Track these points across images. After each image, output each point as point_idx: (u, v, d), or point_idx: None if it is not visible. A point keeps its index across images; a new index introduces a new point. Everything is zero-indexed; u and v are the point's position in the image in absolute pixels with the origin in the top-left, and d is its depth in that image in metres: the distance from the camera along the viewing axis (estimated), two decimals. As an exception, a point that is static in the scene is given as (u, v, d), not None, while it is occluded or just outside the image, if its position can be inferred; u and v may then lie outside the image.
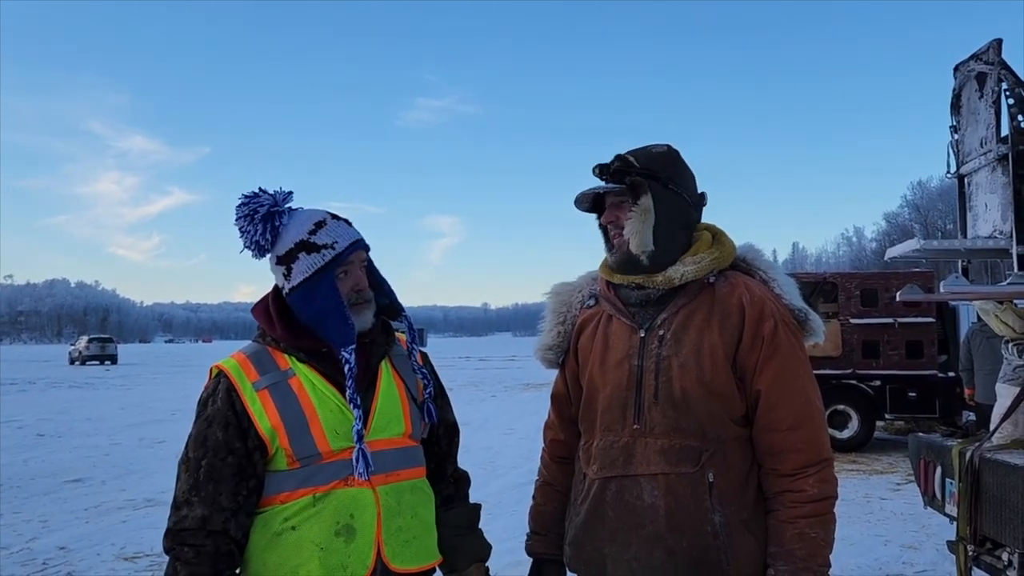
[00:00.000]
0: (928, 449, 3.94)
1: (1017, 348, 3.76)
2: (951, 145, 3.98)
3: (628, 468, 1.81)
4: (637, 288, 1.88)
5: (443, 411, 2.01)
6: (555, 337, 2.02)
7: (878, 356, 10.12)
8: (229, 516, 1.68)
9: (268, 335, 1.81)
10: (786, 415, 1.78)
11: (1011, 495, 3.10)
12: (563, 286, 2.08)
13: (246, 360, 1.78)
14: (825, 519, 1.76)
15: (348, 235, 1.80)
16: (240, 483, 1.70)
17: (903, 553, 5.53)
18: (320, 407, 1.74)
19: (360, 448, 1.71)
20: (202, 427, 1.73)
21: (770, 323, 1.81)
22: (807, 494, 1.75)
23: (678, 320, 1.84)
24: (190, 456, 1.72)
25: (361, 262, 1.83)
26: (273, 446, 1.71)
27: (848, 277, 10.73)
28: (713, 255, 1.88)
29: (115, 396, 21.62)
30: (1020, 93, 3.50)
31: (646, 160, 1.87)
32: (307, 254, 1.76)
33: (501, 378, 27.66)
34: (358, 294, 1.79)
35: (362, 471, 1.69)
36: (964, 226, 3.97)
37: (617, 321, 1.92)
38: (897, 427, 11.72)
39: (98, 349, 45.97)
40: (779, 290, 1.89)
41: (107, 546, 5.95)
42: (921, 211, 63.36)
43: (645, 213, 1.83)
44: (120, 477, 8.90)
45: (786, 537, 1.74)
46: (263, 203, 1.78)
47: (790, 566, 1.72)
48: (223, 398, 1.73)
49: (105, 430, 13.31)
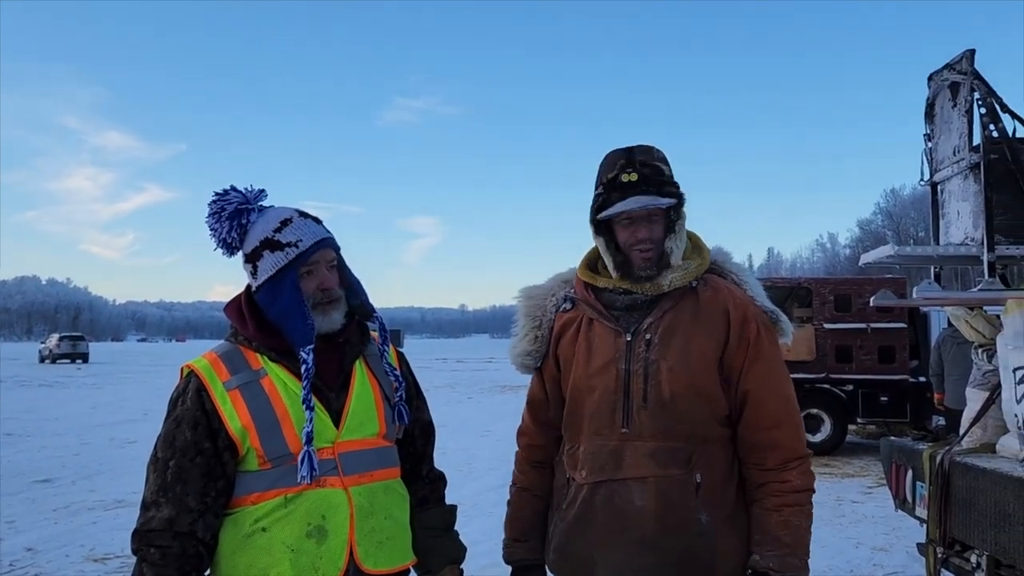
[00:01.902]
0: (900, 453, 3.99)
1: (987, 353, 3.82)
2: (925, 153, 4.03)
3: (617, 472, 1.82)
4: (624, 293, 1.89)
5: (419, 411, 1.99)
6: (532, 342, 2.01)
7: (851, 361, 10.25)
8: (196, 517, 1.66)
9: (240, 334, 1.79)
10: (771, 413, 1.84)
11: (980, 498, 3.14)
12: (534, 289, 2.06)
13: (217, 360, 1.76)
14: (806, 510, 1.83)
15: (313, 233, 1.77)
16: (208, 484, 1.68)
17: (874, 555, 5.60)
18: (292, 407, 1.72)
19: (307, 451, 1.67)
20: (171, 427, 1.71)
21: (753, 326, 1.85)
22: (791, 485, 1.82)
23: (665, 324, 1.85)
24: (158, 456, 1.71)
25: (328, 261, 1.80)
26: (244, 446, 1.70)
27: (822, 283, 10.87)
28: (696, 261, 1.91)
29: (86, 395, 21.31)
30: (991, 103, 3.56)
31: (670, 169, 1.89)
32: (271, 252, 1.74)
33: (478, 380, 27.64)
34: (323, 293, 1.77)
35: (305, 475, 1.66)
36: (937, 233, 4.02)
37: (600, 325, 1.91)
38: (869, 431, 11.87)
39: (69, 347, 45.31)
40: (750, 292, 1.93)
41: (76, 547, 5.86)
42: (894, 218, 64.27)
43: (684, 227, 1.89)
44: (90, 477, 8.78)
45: (772, 524, 1.79)
46: (231, 200, 1.78)
47: (777, 551, 1.77)
48: (193, 398, 1.71)
49: (75, 429, 13.13)
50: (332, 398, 1.77)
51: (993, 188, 3.50)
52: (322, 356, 1.78)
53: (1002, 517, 2.97)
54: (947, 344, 7.01)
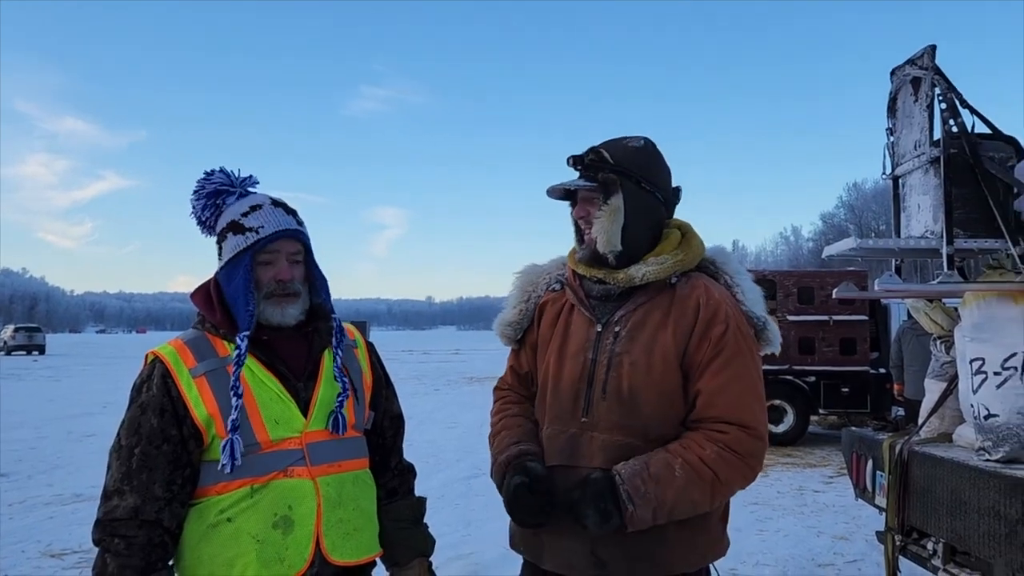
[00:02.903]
0: (860, 443, 4.06)
1: (945, 345, 3.89)
2: (887, 147, 4.08)
3: (573, 459, 1.82)
4: (599, 282, 1.89)
5: (389, 403, 1.99)
6: (517, 314, 2.03)
7: (813, 352, 10.41)
8: (163, 506, 1.64)
9: (207, 321, 1.77)
10: (720, 413, 1.76)
11: (936, 486, 3.21)
12: (533, 267, 2.09)
13: (183, 346, 1.74)
14: (699, 483, 1.70)
15: (277, 222, 1.75)
16: (175, 472, 1.65)
17: (835, 544, 5.69)
18: (260, 396, 1.70)
19: (231, 439, 1.63)
20: (135, 413, 1.68)
21: (721, 327, 1.79)
22: (703, 452, 1.71)
23: (635, 318, 1.85)
24: (122, 444, 1.67)
25: (291, 254, 1.78)
26: (209, 434, 1.67)
27: (786, 275, 10.99)
28: (677, 257, 1.87)
29: (42, 388, 20.82)
30: (951, 98, 3.61)
31: (621, 155, 1.86)
32: (233, 235, 1.74)
33: (444, 372, 27.56)
34: (279, 284, 1.75)
35: (226, 462, 1.63)
36: (898, 226, 4.08)
37: (578, 312, 1.92)
38: (830, 421, 12.09)
39: (25, 339, 44.28)
40: (741, 296, 1.90)
41: (32, 543, 5.72)
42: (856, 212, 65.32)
43: (615, 213, 1.83)
44: (47, 472, 8.58)
45: (654, 456, 1.72)
46: (213, 181, 1.79)
47: (637, 468, 1.69)
48: (158, 384, 1.68)
49: (31, 423, 12.81)
50: (300, 388, 1.75)
51: (952, 182, 3.55)
52: (290, 345, 1.77)
53: (958, 505, 3.04)
54: (907, 336, 7.15)
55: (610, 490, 1.67)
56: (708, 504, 1.74)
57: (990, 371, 3.20)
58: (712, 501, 1.75)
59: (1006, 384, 3.14)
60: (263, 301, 1.74)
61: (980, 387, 3.23)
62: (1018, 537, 2.66)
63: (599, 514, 1.66)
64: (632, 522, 1.68)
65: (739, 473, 1.74)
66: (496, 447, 1.94)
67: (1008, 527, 2.71)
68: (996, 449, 3.10)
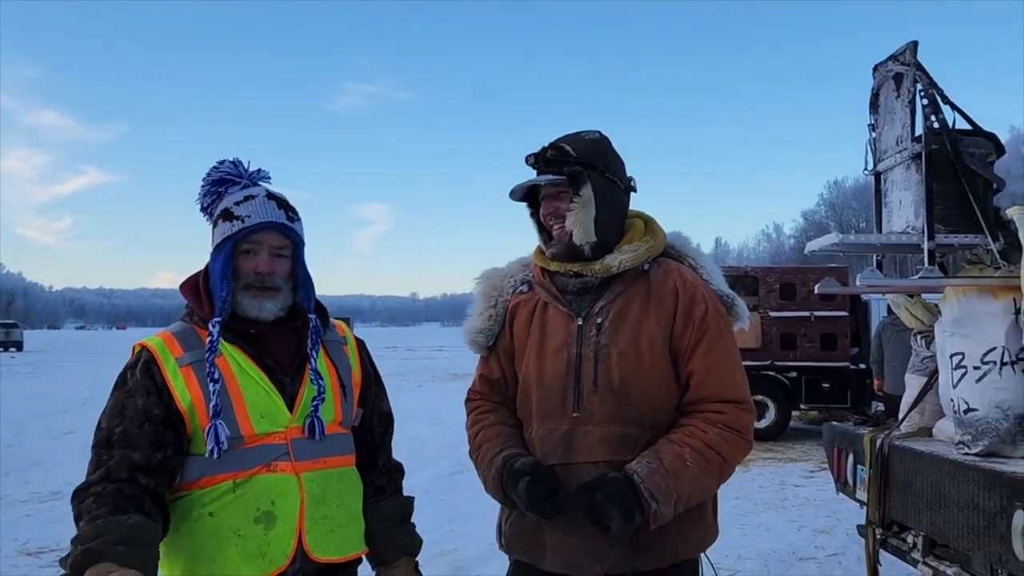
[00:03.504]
0: (841, 437, 4.08)
1: (925, 340, 3.92)
2: (869, 143, 4.10)
3: (569, 456, 1.81)
4: (575, 276, 1.88)
5: (378, 400, 1.97)
6: (486, 321, 2.01)
7: (795, 348, 10.50)
8: (138, 468, 1.59)
9: (196, 314, 1.75)
10: (714, 393, 1.81)
11: (917, 480, 3.23)
12: (493, 272, 2.07)
13: (171, 337, 1.73)
14: (708, 468, 1.74)
15: (264, 213, 1.74)
16: (156, 450, 1.62)
17: (815, 537, 5.73)
18: (245, 389, 1.68)
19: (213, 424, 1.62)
20: (120, 397, 1.66)
21: (701, 308, 1.84)
22: (707, 436, 1.75)
23: (616, 308, 1.85)
24: (103, 426, 1.64)
25: (275, 247, 1.76)
26: (192, 424, 1.65)
27: (768, 271, 11.07)
28: (648, 243, 1.90)
29: (19, 384, 20.58)
30: (933, 94, 3.63)
31: (582, 148, 1.87)
32: (223, 221, 1.74)
33: (428, 368, 27.52)
34: (258, 276, 1.73)
35: (212, 447, 1.61)
36: (880, 222, 4.10)
37: (554, 309, 1.91)
38: (811, 416, 12.18)
39: (2, 335, 43.85)
40: (707, 276, 1.93)
41: (9, 541, 5.65)
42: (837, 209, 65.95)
43: (587, 204, 1.84)
44: (23, 469, 8.48)
45: (663, 449, 1.74)
46: (220, 169, 1.81)
47: (652, 465, 1.70)
48: (142, 370, 1.67)
49: (8, 420, 12.64)
50: (287, 382, 1.73)
51: (934, 178, 3.57)
52: (277, 340, 1.76)
53: (938, 498, 3.06)
54: (887, 332, 7.21)
55: (631, 490, 1.68)
56: (717, 485, 1.81)
57: (970, 365, 3.22)
58: (720, 481, 1.81)
59: (985, 378, 3.17)
60: (241, 292, 1.72)
61: (960, 381, 3.25)
62: (996, 530, 2.68)
63: (623, 515, 1.67)
64: (655, 519, 1.70)
65: (740, 449, 1.81)
66: (481, 463, 1.92)
67: (987, 520, 2.73)
68: (975, 443, 3.12)
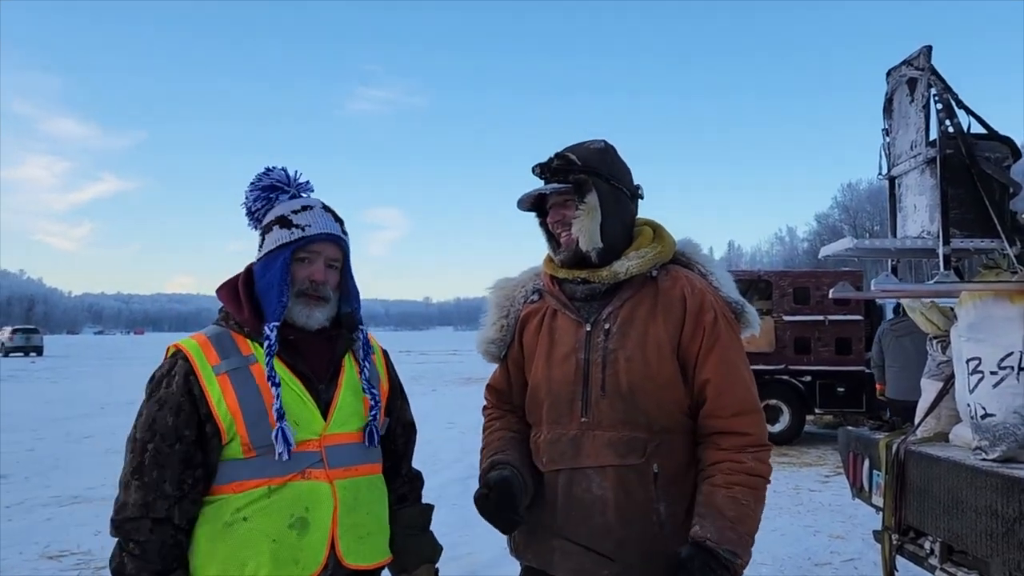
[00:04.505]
0: (857, 442, 4.07)
1: (941, 345, 3.90)
2: (883, 148, 4.09)
3: (576, 461, 1.83)
4: (583, 283, 1.90)
5: (401, 411, 2.00)
6: (498, 331, 2.03)
7: (809, 352, 10.44)
8: (172, 503, 1.65)
9: (233, 319, 1.77)
10: (730, 402, 1.82)
11: (933, 486, 3.22)
12: (505, 281, 2.09)
13: (207, 342, 1.74)
14: (757, 494, 1.79)
15: (324, 225, 1.79)
16: (186, 471, 1.66)
17: (831, 543, 5.71)
18: (282, 397, 1.69)
19: (280, 427, 1.66)
20: (152, 409, 1.69)
21: (710, 315, 1.85)
22: (746, 466, 1.78)
23: (623, 313, 1.87)
24: (137, 437, 1.68)
25: (330, 258, 1.80)
26: (229, 433, 1.67)
27: (781, 275, 11.01)
28: (656, 249, 1.92)
29: (40, 389, 20.78)
30: (948, 99, 3.62)
31: (587, 157, 1.89)
32: (279, 228, 1.77)
33: (442, 372, 27.56)
34: (312, 285, 1.76)
35: (282, 450, 1.65)
36: (894, 226, 4.09)
37: (562, 316, 1.93)
38: (826, 421, 12.11)
39: (23, 340, 44.17)
40: (716, 283, 1.94)
41: (30, 544, 5.71)
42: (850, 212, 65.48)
43: (592, 211, 1.86)
44: (44, 473, 8.57)
45: (718, 498, 1.75)
46: (271, 176, 1.85)
47: (717, 524, 1.71)
48: (180, 382, 1.68)
49: (29, 424, 12.77)
50: (321, 390, 1.76)
51: (949, 183, 3.56)
52: (314, 348, 1.78)
53: (955, 504, 3.05)
54: (887, 337, 7.19)
55: (712, 558, 1.69)
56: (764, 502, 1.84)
57: (986, 370, 3.21)
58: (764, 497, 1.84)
59: (1002, 384, 3.15)
60: (294, 299, 1.75)
61: (976, 387, 3.24)
62: (1015, 536, 2.67)
63: None
64: (741, 568, 1.73)
65: (768, 458, 1.84)
66: (482, 456, 1.99)
67: (1005, 526, 2.72)
68: (993, 448, 3.11)
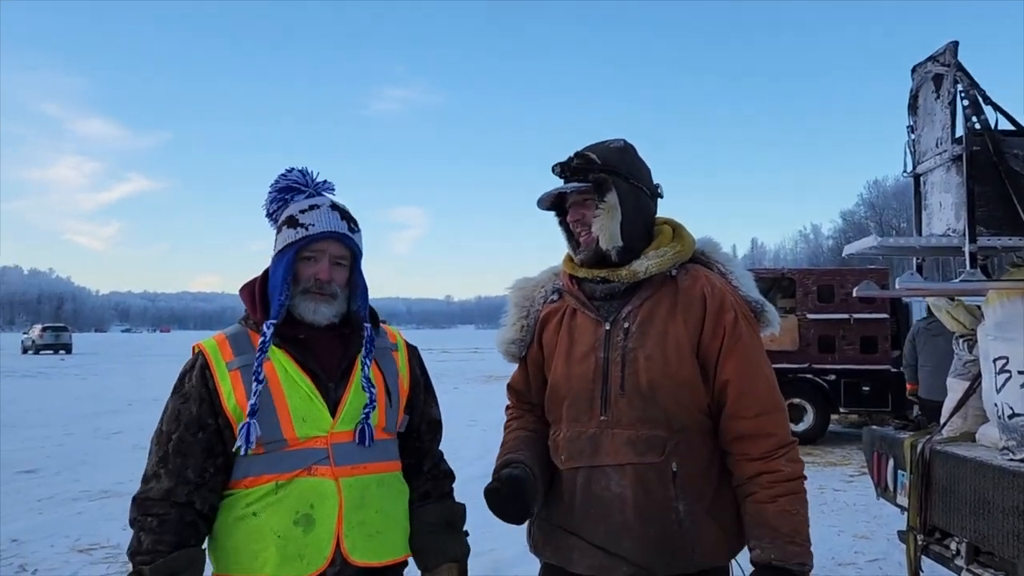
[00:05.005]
0: (882, 441, 4.04)
1: (968, 343, 3.86)
2: (908, 145, 4.05)
3: (595, 459, 1.84)
4: (602, 282, 1.91)
5: (427, 407, 2.01)
6: (518, 331, 2.05)
7: (833, 351, 10.34)
8: (193, 489, 1.70)
9: (250, 318, 1.83)
10: (754, 402, 1.82)
11: (959, 486, 3.19)
12: (525, 281, 2.10)
13: (224, 340, 1.81)
14: (801, 497, 1.80)
15: (327, 223, 1.81)
16: (208, 460, 1.72)
17: (855, 543, 5.67)
18: (289, 393, 1.74)
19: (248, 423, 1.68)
20: (177, 402, 1.76)
21: (731, 314, 1.85)
22: (783, 473, 1.79)
23: (643, 312, 1.87)
24: (163, 430, 1.75)
25: (335, 256, 1.83)
26: (239, 427, 1.71)
27: (805, 273, 10.92)
28: (675, 248, 1.92)
29: (69, 386, 21.14)
30: (974, 95, 3.58)
31: (606, 156, 1.90)
32: (287, 228, 1.81)
33: (463, 370, 27.65)
34: (317, 283, 1.79)
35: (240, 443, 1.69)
36: (919, 224, 4.04)
37: (582, 315, 1.94)
38: (851, 420, 11.99)
39: (52, 338, 44.92)
40: (736, 282, 1.94)
41: (61, 538, 5.83)
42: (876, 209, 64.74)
43: (612, 210, 1.86)
44: (74, 468, 8.73)
45: (769, 515, 1.76)
46: (288, 177, 1.88)
47: (777, 542, 1.73)
48: (198, 376, 1.76)
49: (59, 420, 13.01)
50: (331, 388, 1.79)
51: (975, 180, 3.52)
52: (325, 346, 1.81)
53: (982, 504, 3.02)
54: (921, 336, 7.09)
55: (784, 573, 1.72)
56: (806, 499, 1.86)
57: (1014, 370, 3.18)
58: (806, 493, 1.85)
59: (1030, 383, 3.12)
60: (299, 295, 1.79)
61: (1004, 386, 3.21)
62: (1042, 537, 2.64)
63: None
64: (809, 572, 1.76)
65: (798, 455, 1.85)
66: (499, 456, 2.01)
67: (1032, 527, 2.69)
68: (1020, 448, 3.08)
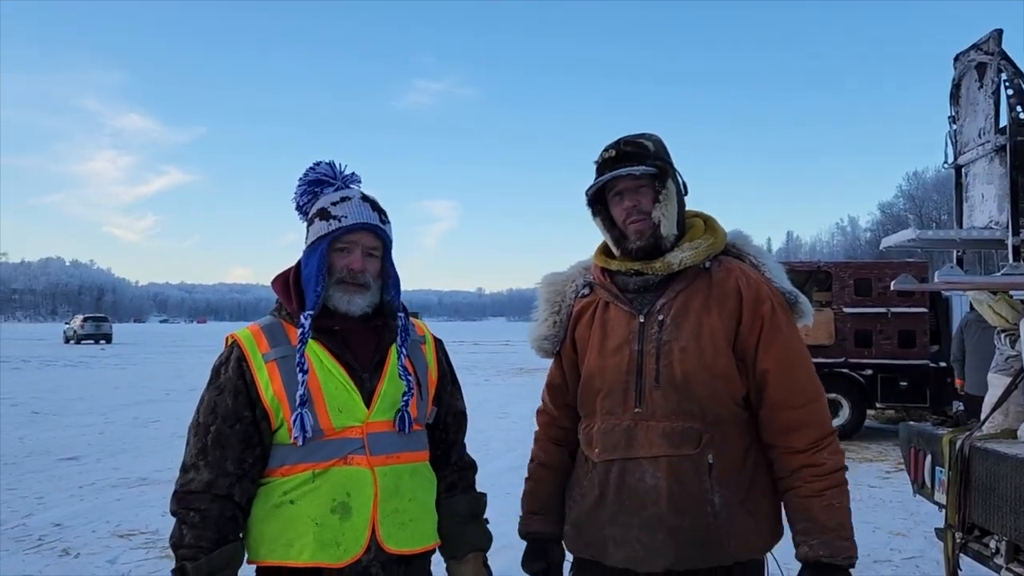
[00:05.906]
0: (919, 437, 3.98)
1: (1009, 338, 3.78)
2: (949, 135, 3.96)
3: (630, 451, 1.84)
4: (636, 274, 1.90)
5: (453, 399, 2.03)
6: (551, 327, 2.04)
7: (870, 345, 10.18)
8: (234, 481, 1.73)
9: (284, 309, 1.85)
10: (798, 392, 1.83)
11: (1000, 484, 3.13)
12: (555, 276, 2.10)
13: (259, 331, 1.83)
14: (844, 488, 1.82)
15: (359, 215, 1.83)
16: (246, 451, 1.74)
17: (892, 540, 5.59)
18: (325, 384, 1.76)
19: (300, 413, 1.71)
20: (213, 394, 1.78)
21: (768, 304, 1.85)
22: (827, 466, 1.80)
23: (677, 304, 1.87)
24: (200, 421, 1.77)
25: (367, 247, 1.84)
26: (278, 418, 1.75)
27: (842, 266, 10.76)
28: (709, 241, 1.91)
29: (109, 375, 21.60)
30: (1019, 84, 3.49)
31: (657, 145, 1.91)
32: (319, 220, 1.83)
33: (495, 362, 27.72)
34: (350, 273, 1.81)
35: (298, 435, 1.71)
36: (960, 216, 3.96)
37: (615, 307, 1.93)
38: (888, 416, 11.79)
39: (93, 328, 45.88)
40: (769, 274, 1.94)
41: (102, 523, 5.97)
42: (916, 201, 63.44)
43: (672, 197, 1.88)
44: (114, 455, 8.92)
45: (815, 511, 1.77)
46: (317, 171, 1.90)
47: (824, 538, 1.75)
48: (234, 367, 1.77)
49: (99, 409, 13.31)
50: (366, 379, 1.80)
51: (1019, 171, 3.44)
52: (359, 337, 1.83)
53: (1022, 503, 2.96)
54: (971, 329, 6.87)
55: (834, 570, 1.77)
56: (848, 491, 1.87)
57: (1057, 366, 3.10)
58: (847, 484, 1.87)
59: (1074, 379, 3.04)
60: (333, 286, 1.81)
61: (1046, 382, 3.14)
62: (1085, 537, 2.58)
63: None
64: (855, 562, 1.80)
65: (839, 446, 1.87)
66: (523, 506, 2.09)
67: (1075, 526, 2.63)
68: (1063, 446, 3.01)
